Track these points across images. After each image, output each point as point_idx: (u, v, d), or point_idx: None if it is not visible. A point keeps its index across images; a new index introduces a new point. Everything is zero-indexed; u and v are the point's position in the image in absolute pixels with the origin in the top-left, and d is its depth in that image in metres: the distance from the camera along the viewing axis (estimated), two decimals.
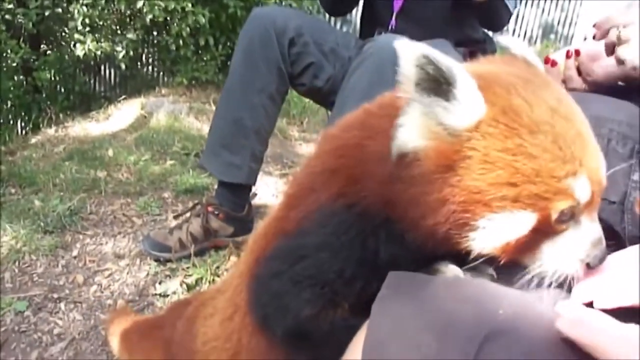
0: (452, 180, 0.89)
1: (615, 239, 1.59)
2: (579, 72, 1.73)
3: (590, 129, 0.99)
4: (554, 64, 1.77)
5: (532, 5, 11.49)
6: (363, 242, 1.04)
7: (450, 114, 0.88)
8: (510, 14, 2.74)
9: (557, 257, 0.94)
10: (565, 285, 0.95)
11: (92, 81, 8.22)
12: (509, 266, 0.99)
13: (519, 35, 11.69)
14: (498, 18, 2.73)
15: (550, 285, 0.94)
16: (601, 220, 1.59)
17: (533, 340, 0.81)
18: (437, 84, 0.87)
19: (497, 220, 0.89)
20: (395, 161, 0.95)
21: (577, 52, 1.72)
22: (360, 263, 1.04)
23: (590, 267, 0.95)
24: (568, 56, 1.74)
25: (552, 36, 11.62)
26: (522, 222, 0.90)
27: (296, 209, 1.13)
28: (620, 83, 1.67)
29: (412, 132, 0.92)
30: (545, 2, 11.51)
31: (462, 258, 0.98)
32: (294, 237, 1.11)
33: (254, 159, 2.85)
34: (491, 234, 0.91)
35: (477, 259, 0.95)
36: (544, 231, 0.92)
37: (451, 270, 0.99)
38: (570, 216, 0.92)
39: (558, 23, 11.63)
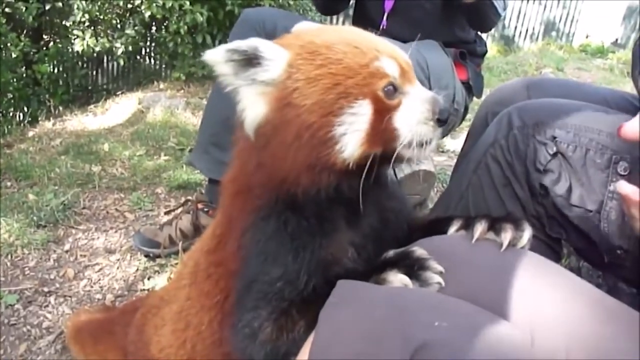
0: (295, 112, 1.10)
1: (591, 247, 1.63)
2: None
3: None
4: None
5: (534, 2, 11.48)
6: (287, 232, 1.17)
7: (266, 71, 1.11)
8: (499, 16, 2.74)
9: (409, 126, 1.14)
10: (425, 147, 1.16)
11: (92, 73, 8.26)
12: None
13: (520, 32, 11.70)
14: (486, 19, 2.72)
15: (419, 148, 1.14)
16: (577, 227, 1.63)
17: (466, 352, 0.84)
18: (249, 61, 1.11)
19: (346, 122, 1.09)
20: (255, 137, 1.16)
21: None
22: (295, 255, 1.16)
23: (441, 122, 1.15)
24: None
25: (554, 33, 11.61)
26: (362, 111, 1.10)
27: (228, 243, 1.28)
28: None
29: (252, 106, 1.14)
30: (547, 0, 11.50)
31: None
32: (241, 271, 1.23)
33: None
34: (350, 135, 1.10)
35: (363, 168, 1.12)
36: (383, 110, 1.12)
37: (399, 279, 1.03)
38: (395, 89, 1.14)
39: (560, 20, 11.62)
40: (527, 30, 11.73)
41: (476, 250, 1.15)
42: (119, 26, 6.25)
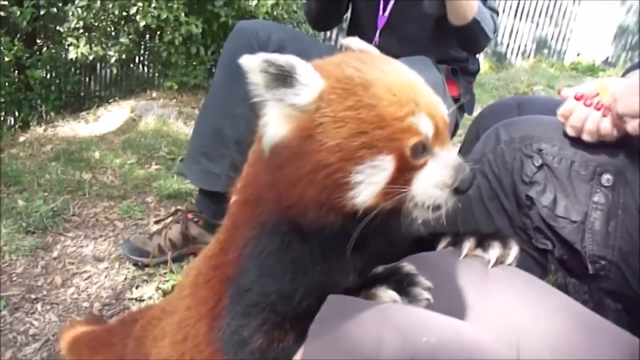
0: (315, 147, 1.05)
1: (576, 257, 1.65)
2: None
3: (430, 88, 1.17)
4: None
5: (526, 20, 11.55)
6: (289, 254, 1.16)
7: (297, 96, 1.05)
8: (489, 39, 2.75)
9: (426, 188, 1.08)
10: (439, 211, 1.11)
11: (85, 80, 8.24)
12: None
13: (512, 49, 11.77)
14: (475, 41, 2.72)
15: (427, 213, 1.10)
16: (562, 238, 1.65)
17: None
18: (282, 78, 1.05)
19: (365, 172, 1.04)
20: (270, 155, 1.12)
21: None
22: (293, 277, 1.15)
23: (459, 192, 1.09)
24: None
25: (546, 51, 11.69)
26: (384, 166, 1.05)
27: (230, 251, 1.26)
28: None
29: (275, 125, 1.08)
30: (539, 17, 11.57)
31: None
32: (237, 278, 1.22)
33: (233, 168, 2.87)
34: (365, 185, 1.05)
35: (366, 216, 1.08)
36: (406, 169, 1.06)
37: (389, 295, 1.04)
38: (423, 150, 1.08)
39: (551, 38, 11.70)
40: (519, 47, 11.79)
41: (464, 266, 1.17)
42: (113, 34, 6.25)
